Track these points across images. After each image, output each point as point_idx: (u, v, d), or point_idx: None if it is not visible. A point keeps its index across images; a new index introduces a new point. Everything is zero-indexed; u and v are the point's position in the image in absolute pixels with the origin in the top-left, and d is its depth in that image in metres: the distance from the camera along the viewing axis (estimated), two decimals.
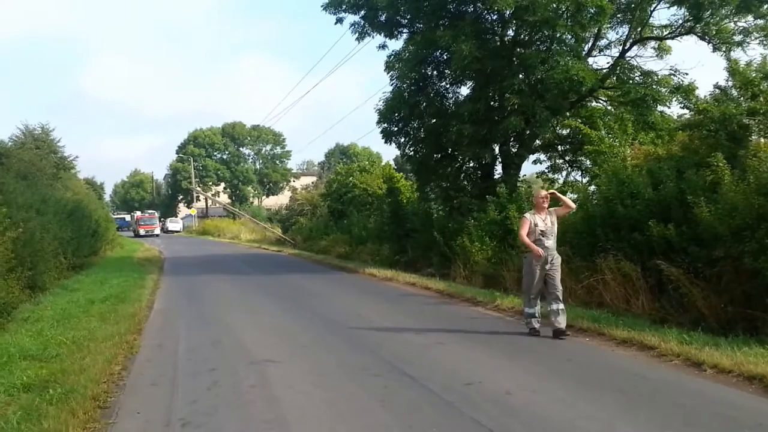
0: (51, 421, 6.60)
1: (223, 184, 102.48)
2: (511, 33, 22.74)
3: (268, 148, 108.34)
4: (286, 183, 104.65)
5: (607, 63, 22.69)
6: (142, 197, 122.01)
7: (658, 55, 22.73)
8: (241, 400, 7.50)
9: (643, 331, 9.82)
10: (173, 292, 19.21)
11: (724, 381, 7.61)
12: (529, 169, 26.28)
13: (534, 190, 11.79)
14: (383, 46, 25.96)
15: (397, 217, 26.73)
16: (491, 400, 7.11)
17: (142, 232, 74.54)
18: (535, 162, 25.50)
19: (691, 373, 8.03)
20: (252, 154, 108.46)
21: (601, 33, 22.51)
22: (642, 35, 22.04)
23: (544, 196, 11.22)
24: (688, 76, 20.74)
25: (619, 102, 21.77)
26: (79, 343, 10.56)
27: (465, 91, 24.57)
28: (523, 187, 20.72)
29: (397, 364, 8.96)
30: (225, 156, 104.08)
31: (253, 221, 64.60)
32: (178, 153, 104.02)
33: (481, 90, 22.31)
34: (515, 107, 20.29)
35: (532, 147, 23.84)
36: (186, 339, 11.56)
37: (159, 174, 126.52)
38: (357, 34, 25.37)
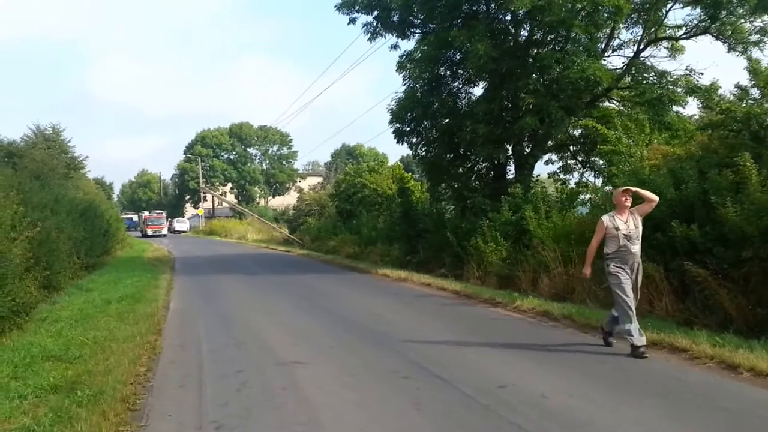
0: (83, 423, 6.54)
1: (230, 185, 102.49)
2: (524, 33, 22.63)
3: (275, 148, 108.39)
4: (293, 183, 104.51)
5: (622, 63, 22.66)
6: (149, 197, 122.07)
7: (671, 55, 22.71)
8: (273, 402, 7.41)
9: (672, 333, 9.70)
10: (188, 292, 19.14)
11: (763, 384, 7.50)
12: (541, 169, 26.24)
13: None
14: (395, 47, 26.06)
15: (409, 218, 26.57)
16: (528, 403, 7.01)
17: (149, 232, 74.46)
18: (547, 162, 25.41)
19: (728, 376, 7.91)
20: (259, 154, 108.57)
21: (614, 33, 22.44)
22: (657, 35, 21.95)
23: (623, 193, 9.75)
24: (703, 75, 20.69)
25: (634, 102, 21.65)
26: (101, 344, 10.53)
27: (478, 91, 24.55)
28: (536, 188, 20.63)
29: (425, 365, 8.86)
30: (232, 156, 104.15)
31: (260, 221, 64.52)
32: (185, 153, 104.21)
33: (495, 90, 22.21)
34: (530, 107, 20.20)
35: (545, 147, 23.74)
36: (207, 339, 11.48)
37: (166, 174, 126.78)
38: (369, 34, 25.47)
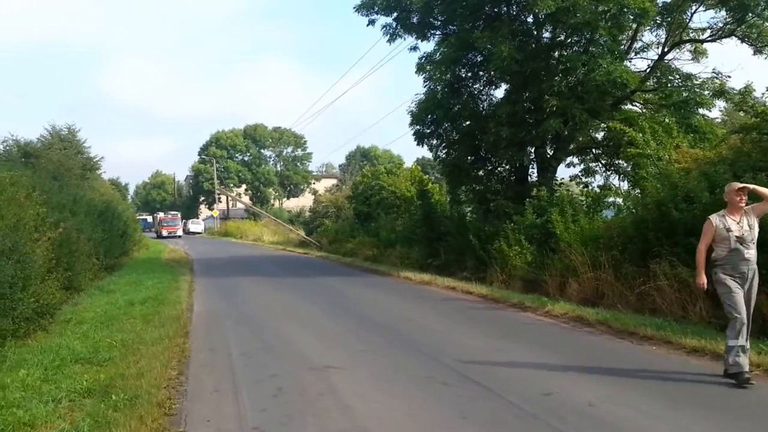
0: (121, 429, 6.43)
1: (244, 186, 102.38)
2: (547, 35, 22.47)
3: (290, 150, 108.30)
4: (307, 185, 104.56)
5: (646, 66, 22.48)
6: (163, 198, 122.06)
7: (694, 58, 22.48)
8: (313, 408, 7.25)
9: (714, 339, 9.47)
10: (210, 294, 19.00)
11: None
12: (562, 172, 26.02)
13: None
14: (414, 48, 26.09)
15: (429, 220, 26.39)
16: (575, 411, 6.82)
17: (164, 233, 74.38)
18: (569, 165, 25.23)
19: None
20: (273, 156, 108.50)
21: (637, 35, 22.26)
22: (681, 38, 21.76)
23: (738, 192, 8.26)
24: (730, 78, 20.49)
25: (659, 105, 21.44)
26: (129, 346, 10.43)
27: (499, 93, 24.45)
28: (562, 190, 20.45)
29: (462, 371, 8.69)
30: (246, 158, 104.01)
31: (277, 222, 64.41)
32: (200, 154, 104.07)
33: (518, 92, 22.08)
34: (554, 109, 19.99)
35: (568, 150, 23.56)
36: (237, 343, 11.33)
37: (180, 175, 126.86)
38: (388, 36, 25.41)
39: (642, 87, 21.24)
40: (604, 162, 24.29)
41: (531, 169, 23.55)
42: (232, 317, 14.49)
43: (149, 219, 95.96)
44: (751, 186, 8.39)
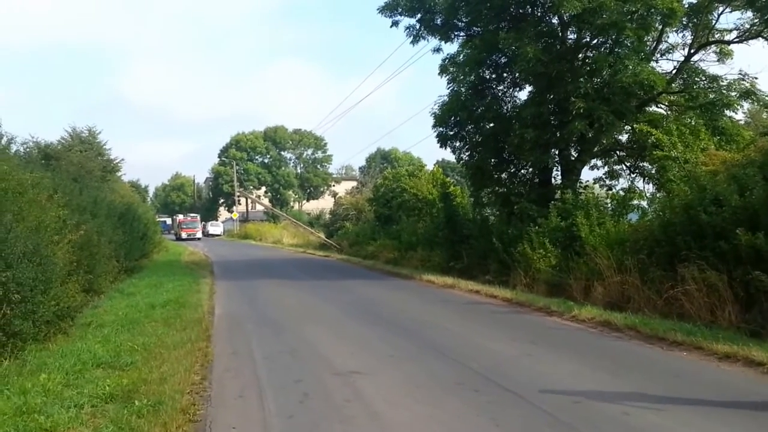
0: None
1: (264, 188, 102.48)
2: (572, 36, 22.25)
3: (310, 152, 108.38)
4: (327, 187, 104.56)
5: (673, 67, 22.20)
6: (182, 200, 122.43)
7: (720, 60, 22.17)
8: (341, 415, 7.10)
9: (746, 345, 9.24)
10: (231, 297, 18.91)
11: None
12: (586, 175, 25.78)
13: None
14: (438, 50, 25.91)
15: (452, 223, 26.19)
16: (611, 420, 6.63)
17: (184, 235, 74.47)
18: (592, 168, 24.97)
19: None
20: (293, 158, 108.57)
21: (663, 37, 22.00)
22: (708, 39, 21.50)
23: None
24: (758, 80, 20.18)
25: (686, 107, 21.15)
26: (151, 351, 10.33)
27: (523, 95, 24.23)
28: (587, 193, 20.21)
29: (491, 377, 8.52)
30: (266, 160, 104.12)
31: (297, 224, 64.31)
32: (219, 156, 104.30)
33: (543, 93, 21.85)
34: (581, 111, 19.74)
35: (592, 152, 23.31)
36: (259, 347, 11.22)
37: (200, 177, 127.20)
38: (412, 37, 25.31)
39: (668, 89, 20.96)
40: (628, 164, 24.02)
41: (555, 172, 23.35)
42: (254, 320, 14.38)
43: (168, 221, 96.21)
44: None
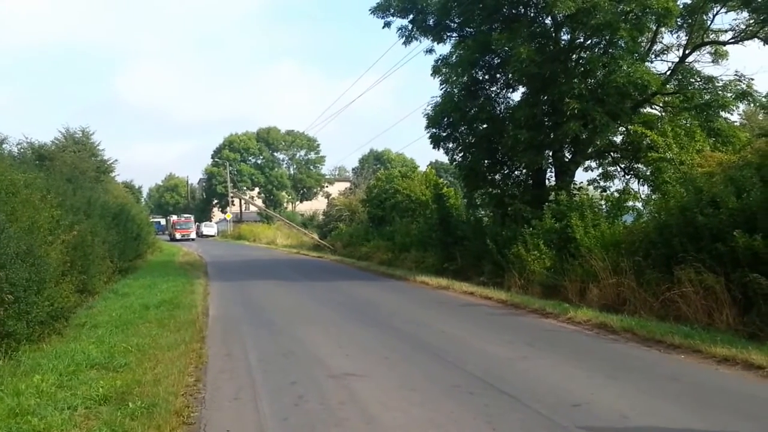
0: None
1: (257, 189, 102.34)
2: (566, 37, 22.21)
3: (303, 153, 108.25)
4: (320, 188, 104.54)
5: (667, 68, 22.18)
6: (176, 201, 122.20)
7: (715, 60, 22.15)
8: (335, 417, 7.04)
9: (744, 348, 9.20)
10: (225, 298, 18.84)
11: None
12: (580, 176, 25.73)
13: None
14: (430, 51, 25.92)
15: (445, 224, 26.16)
16: (609, 424, 6.60)
17: (178, 236, 74.25)
18: (586, 169, 24.93)
19: None
20: (286, 159, 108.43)
21: (657, 37, 21.98)
22: (703, 39, 21.47)
23: None
24: (754, 81, 20.15)
25: (681, 108, 21.12)
26: (145, 352, 10.26)
27: (516, 96, 24.21)
28: (582, 195, 20.18)
29: (487, 380, 8.46)
30: (259, 161, 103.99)
31: (291, 225, 64.20)
32: (213, 157, 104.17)
33: (536, 94, 21.80)
34: (575, 112, 19.68)
35: (586, 153, 23.27)
36: (254, 348, 11.16)
37: (194, 178, 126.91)
38: (404, 38, 25.32)
39: (663, 89, 20.93)
40: (623, 166, 23.98)
41: (549, 173, 23.33)
42: (248, 321, 14.32)
43: (162, 222, 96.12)
44: None
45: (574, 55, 21.93)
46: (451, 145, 25.46)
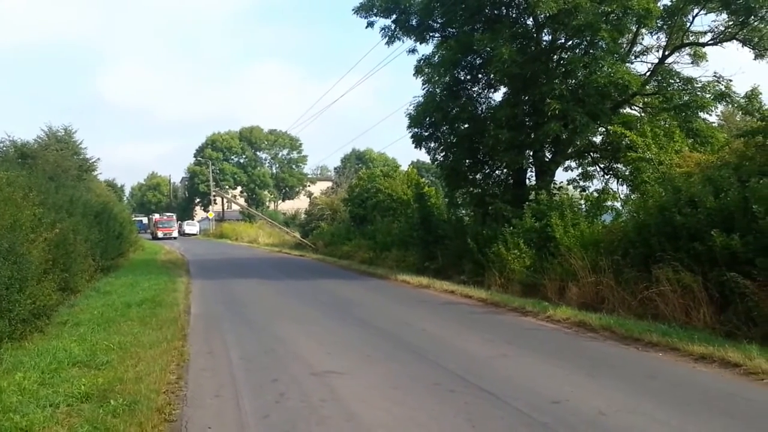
0: None
1: (239, 188, 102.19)
2: (547, 37, 22.35)
3: (285, 152, 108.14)
4: (303, 187, 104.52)
5: (646, 69, 22.36)
6: (158, 200, 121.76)
7: (694, 62, 22.37)
8: (317, 415, 7.09)
9: (721, 347, 9.32)
10: (207, 297, 18.86)
11: None
12: (560, 176, 25.88)
13: None
14: (413, 51, 25.98)
15: (426, 223, 26.25)
16: (587, 421, 6.68)
17: (160, 234, 73.93)
18: (566, 169, 25.08)
19: None
20: (269, 158, 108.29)
21: (637, 39, 22.16)
22: (682, 41, 21.66)
23: None
24: (732, 82, 20.35)
25: (660, 108, 21.32)
26: (127, 350, 10.25)
27: (498, 96, 24.32)
28: (562, 194, 20.31)
29: (467, 378, 8.53)
30: (242, 160, 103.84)
31: (273, 224, 64.19)
32: (195, 156, 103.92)
33: (518, 94, 21.93)
34: (555, 112, 19.80)
35: (566, 153, 23.41)
36: (236, 346, 11.18)
37: (176, 177, 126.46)
38: (387, 38, 25.32)
39: (642, 90, 21.11)
40: (602, 166, 24.15)
41: (529, 173, 23.46)
42: (230, 320, 14.33)
43: (145, 220, 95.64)
44: None
45: (555, 56, 22.09)
46: (432, 145, 25.54)
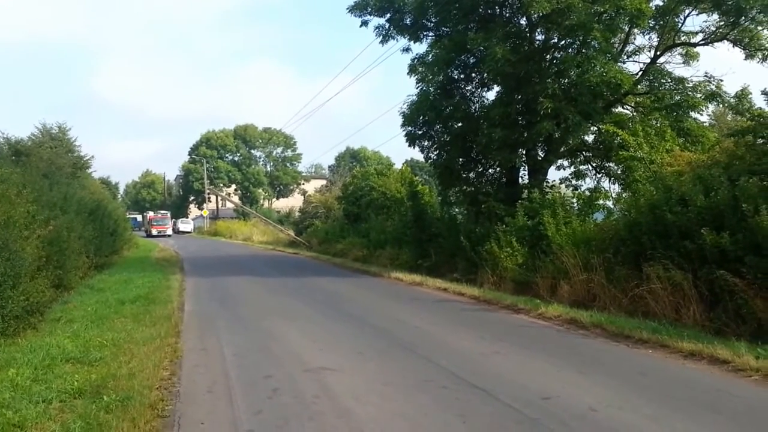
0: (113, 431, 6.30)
1: (234, 186, 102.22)
2: (540, 37, 22.42)
3: (279, 150, 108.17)
4: (297, 186, 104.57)
5: (638, 68, 22.46)
6: (153, 198, 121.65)
7: (686, 62, 22.47)
8: (309, 411, 7.14)
9: (710, 344, 9.40)
10: (201, 294, 18.89)
11: None
12: (553, 175, 25.96)
13: None
14: (407, 50, 26.02)
15: (420, 222, 26.32)
16: (578, 417, 6.74)
17: (154, 232, 73.99)
18: (559, 168, 25.16)
19: None
20: (263, 156, 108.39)
21: (629, 39, 22.25)
22: (674, 41, 21.75)
23: None
24: (723, 82, 20.46)
25: (652, 108, 21.42)
26: (120, 346, 10.31)
27: (491, 95, 24.40)
28: (554, 193, 20.39)
29: (460, 374, 8.59)
30: (236, 158, 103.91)
31: (267, 222, 64.18)
32: (190, 154, 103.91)
33: (511, 93, 22.00)
34: (548, 111, 19.88)
35: (559, 152, 23.49)
36: (229, 343, 11.20)
37: (170, 175, 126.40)
38: (381, 37, 25.42)
39: (634, 90, 21.21)
40: (594, 165, 24.22)
41: (522, 171, 23.54)
42: (224, 317, 14.37)
43: (139, 218, 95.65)
44: None
45: (548, 55, 22.15)
46: (426, 143, 25.60)
